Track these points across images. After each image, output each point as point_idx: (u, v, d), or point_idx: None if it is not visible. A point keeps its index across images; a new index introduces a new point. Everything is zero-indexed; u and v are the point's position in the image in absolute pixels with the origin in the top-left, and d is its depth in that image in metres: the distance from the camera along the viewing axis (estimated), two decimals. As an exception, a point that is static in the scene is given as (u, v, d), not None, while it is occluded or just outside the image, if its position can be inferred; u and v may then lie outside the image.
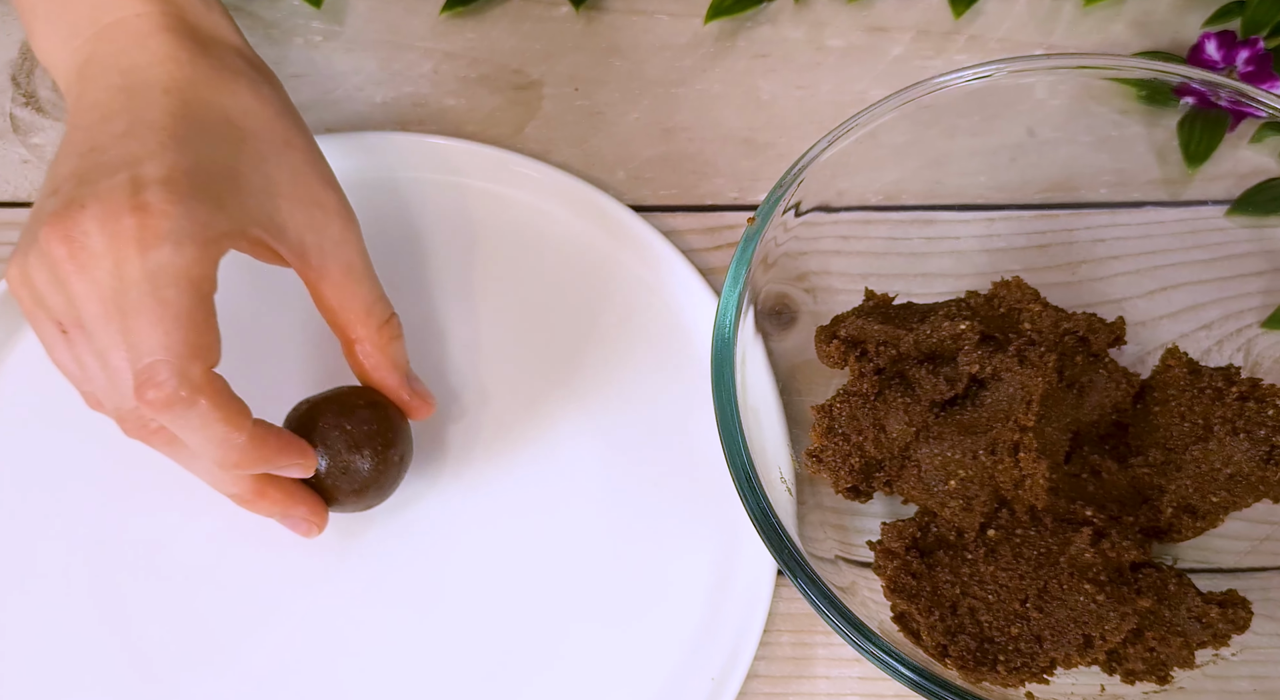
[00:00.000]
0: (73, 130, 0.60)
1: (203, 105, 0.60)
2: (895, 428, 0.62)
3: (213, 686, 0.68)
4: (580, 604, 0.69)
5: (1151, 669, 0.60)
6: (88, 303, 0.55)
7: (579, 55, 0.82)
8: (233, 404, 0.59)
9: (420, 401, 0.68)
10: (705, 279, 0.74)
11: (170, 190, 0.55)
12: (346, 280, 0.65)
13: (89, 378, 0.58)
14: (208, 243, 0.56)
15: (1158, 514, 0.64)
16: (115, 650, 0.69)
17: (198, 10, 0.63)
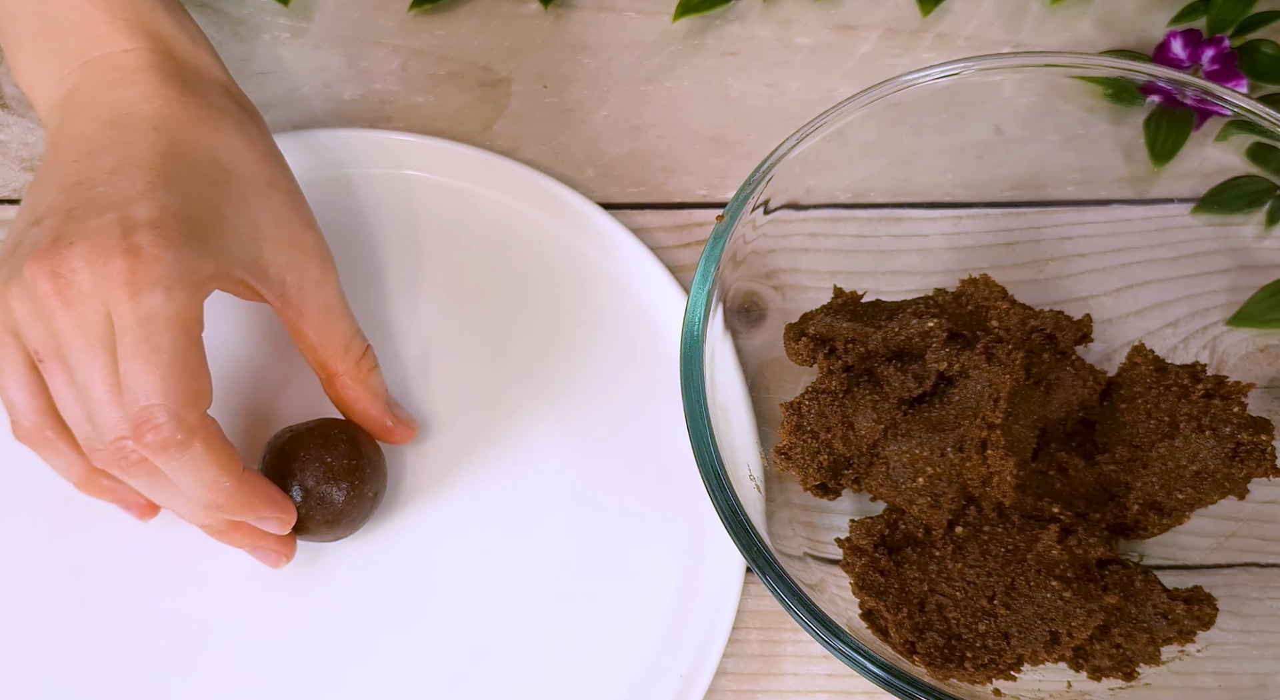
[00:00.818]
0: (56, 161, 0.60)
1: (190, 144, 0.61)
2: (864, 425, 0.62)
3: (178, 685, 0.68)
4: (549, 602, 0.69)
5: (1118, 665, 0.61)
6: (73, 338, 0.56)
7: (547, 52, 0.82)
8: (225, 449, 0.60)
9: (403, 427, 0.69)
10: (674, 277, 0.74)
11: (161, 234, 0.56)
12: (324, 319, 0.66)
13: (64, 407, 0.58)
14: (196, 286, 0.57)
15: (1124, 511, 0.64)
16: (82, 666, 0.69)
17: (185, 48, 0.64)
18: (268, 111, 0.81)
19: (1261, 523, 0.65)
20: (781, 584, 0.57)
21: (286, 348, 0.74)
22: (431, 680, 0.68)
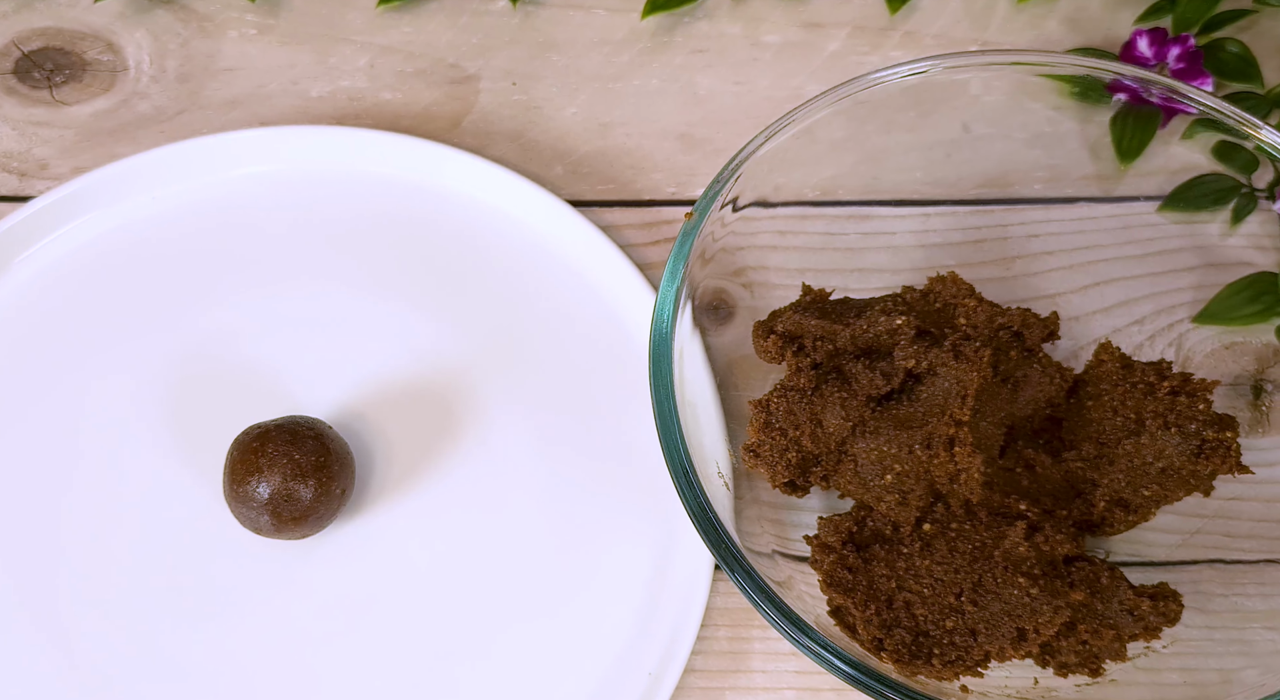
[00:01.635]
0: None
1: None
2: (832, 423, 0.62)
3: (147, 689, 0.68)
4: (517, 600, 0.69)
5: (1084, 661, 0.61)
6: None
7: (516, 49, 0.82)
8: None
9: None
10: (643, 274, 0.74)
11: None
12: None
13: None
14: None
15: (1090, 508, 0.64)
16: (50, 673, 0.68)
17: None
18: (234, 109, 0.81)
19: (1226, 519, 0.66)
20: (749, 581, 0.57)
21: (255, 343, 0.74)
22: (399, 677, 0.68)
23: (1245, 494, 0.66)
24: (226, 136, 0.78)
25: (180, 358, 0.74)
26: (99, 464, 0.72)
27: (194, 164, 0.78)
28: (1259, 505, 0.66)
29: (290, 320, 0.75)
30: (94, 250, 0.77)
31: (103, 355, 0.74)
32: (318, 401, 0.73)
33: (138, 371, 0.74)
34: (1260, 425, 0.68)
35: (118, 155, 0.80)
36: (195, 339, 0.74)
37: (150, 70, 0.83)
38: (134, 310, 0.75)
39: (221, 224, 0.77)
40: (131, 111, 0.82)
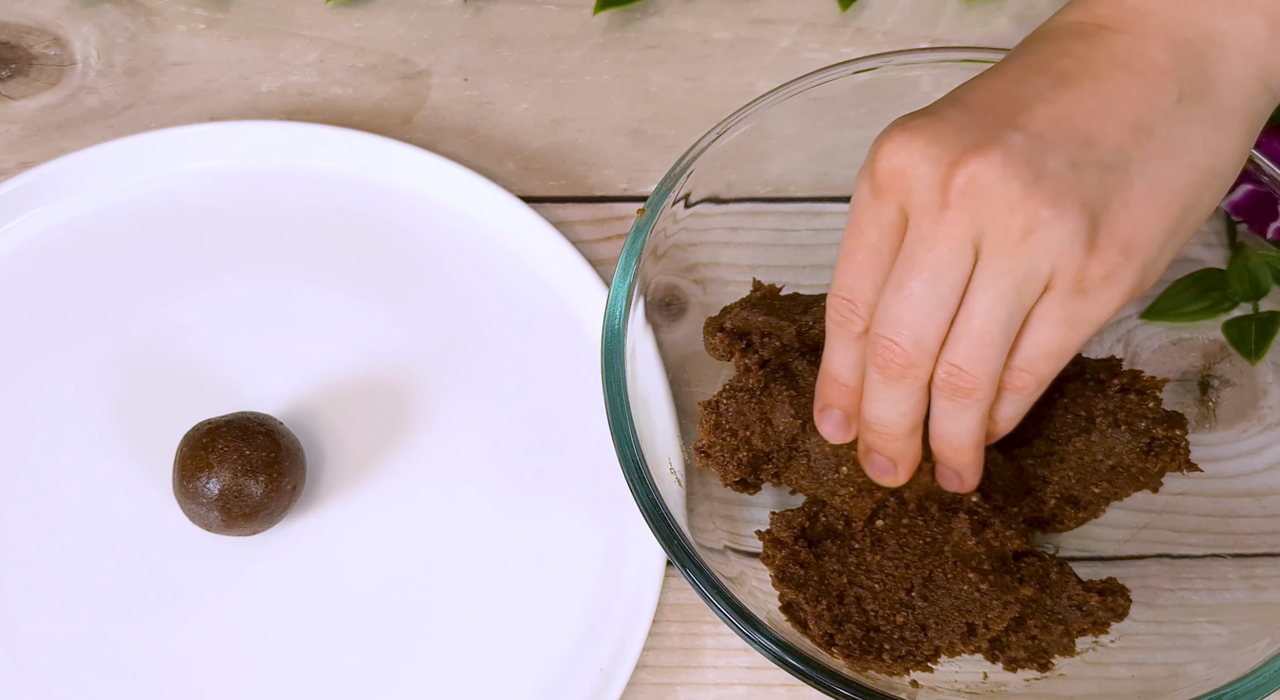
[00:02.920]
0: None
1: None
2: (781, 421, 0.62)
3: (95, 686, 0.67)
4: (468, 596, 0.69)
5: (1033, 656, 0.61)
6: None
7: (467, 45, 0.82)
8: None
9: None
10: (595, 270, 0.74)
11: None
12: None
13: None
14: None
15: (1041, 504, 0.65)
16: None
17: None
18: (183, 104, 0.80)
19: (1174, 514, 0.66)
20: (701, 577, 0.57)
21: (205, 339, 0.74)
22: (349, 673, 0.68)
23: (1192, 489, 0.66)
24: (175, 132, 0.77)
25: (129, 354, 0.73)
26: (47, 460, 0.71)
27: (142, 159, 0.77)
28: (1205, 500, 0.66)
29: (240, 316, 0.75)
30: (41, 246, 0.76)
31: (51, 351, 0.74)
32: (268, 397, 0.73)
33: (86, 368, 0.73)
34: (1207, 421, 0.68)
35: (65, 150, 0.79)
36: (144, 335, 0.74)
37: (98, 65, 0.82)
38: (82, 306, 0.75)
39: (170, 220, 0.77)
40: (79, 106, 0.81)
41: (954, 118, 0.51)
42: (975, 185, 0.49)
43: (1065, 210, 0.49)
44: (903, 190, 0.51)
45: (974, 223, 0.50)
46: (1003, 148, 0.49)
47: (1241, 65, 0.52)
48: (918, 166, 0.50)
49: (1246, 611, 0.61)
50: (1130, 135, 0.50)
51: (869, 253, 0.53)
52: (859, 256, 0.54)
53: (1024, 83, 0.52)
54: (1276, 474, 0.65)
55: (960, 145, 0.49)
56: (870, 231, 0.53)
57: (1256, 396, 0.68)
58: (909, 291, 0.52)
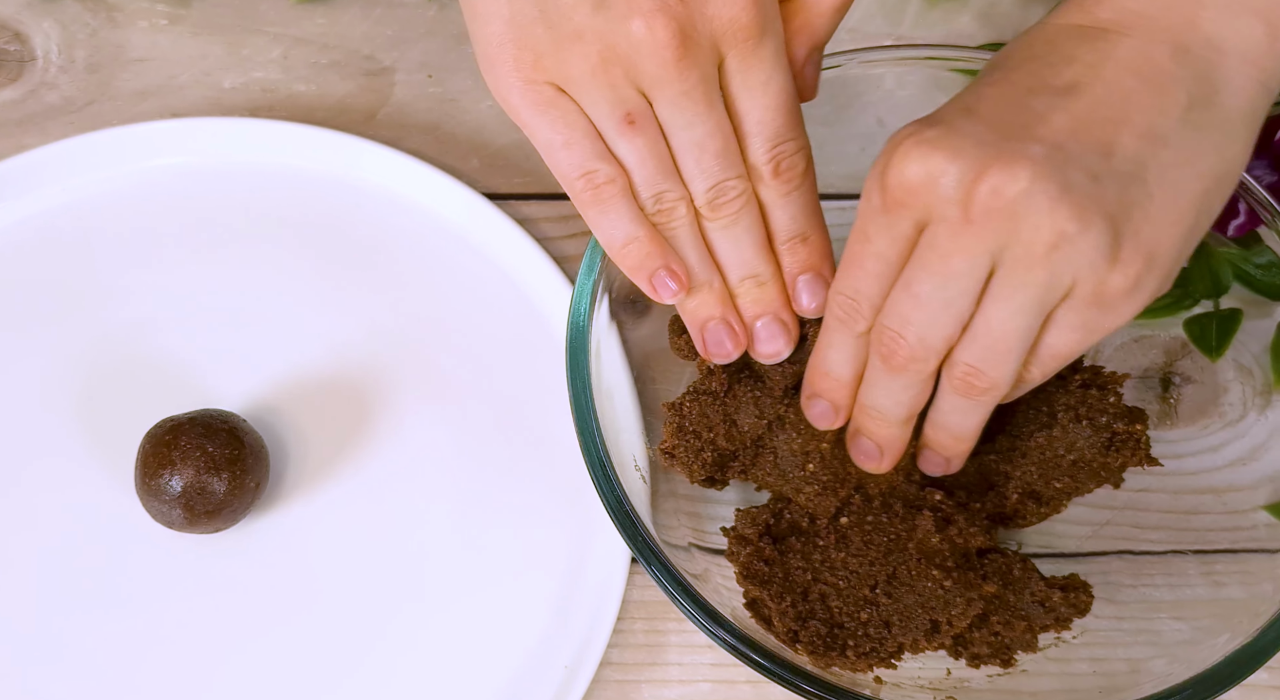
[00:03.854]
0: None
1: None
2: (746, 422, 0.62)
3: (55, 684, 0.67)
4: (432, 594, 0.69)
5: (996, 652, 0.61)
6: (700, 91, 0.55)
7: (431, 42, 0.82)
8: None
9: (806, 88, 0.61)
10: (560, 267, 0.74)
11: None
12: None
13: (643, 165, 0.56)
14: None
15: (1003, 500, 0.65)
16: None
17: None
18: (145, 100, 0.80)
19: (1135, 510, 0.67)
20: (666, 574, 0.57)
21: (167, 336, 0.74)
22: (313, 670, 0.67)
23: (1154, 486, 0.67)
24: (137, 128, 0.77)
25: (91, 351, 0.73)
26: (8, 456, 0.71)
27: (104, 155, 0.77)
28: (1167, 497, 0.67)
29: (203, 313, 0.74)
30: (1, 242, 0.76)
31: (12, 348, 0.73)
32: (232, 395, 0.72)
33: (48, 365, 0.73)
34: (1168, 418, 0.69)
35: (25, 146, 0.79)
36: (106, 332, 0.74)
37: (59, 60, 0.81)
38: (44, 303, 0.74)
39: (133, 216, 0.77)
40: (39, 102, 0.81)
41: (969, 129, 0.50)
42: (1000, 201, 0.48)
43: (1090, 224, 0.48)
44: (919, 205, 0.50)
45: (995, 237, 0.49)
46: (1026, 161, 0.48)
47: (1243, 69, 0.52)
48: (938, 181, 0.49)
49: (1207, 607, 0.61)
50: (1146, 144, 0.50)
51: (876, 260, 0.53)
52: (867, 263, 0.54)
53: (1035, 92, 0.51)
54: (1237, 470, 0.66)
55: (981, 159, 0.49)
56: (880, 241, 0.53)
57: (1217, 393, 0.68)
58: (919, 292, 0.52)
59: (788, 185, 0.58)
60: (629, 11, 0.52)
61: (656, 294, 0.59)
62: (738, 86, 0.55)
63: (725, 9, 0.53)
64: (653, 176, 0.56)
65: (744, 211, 0.58)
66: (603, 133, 0.55)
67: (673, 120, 0.55)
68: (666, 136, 0.56)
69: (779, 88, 0.56)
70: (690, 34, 0.52)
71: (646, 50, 0.52)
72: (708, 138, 0.55)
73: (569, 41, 0.53)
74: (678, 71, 0.53)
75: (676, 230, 0.58)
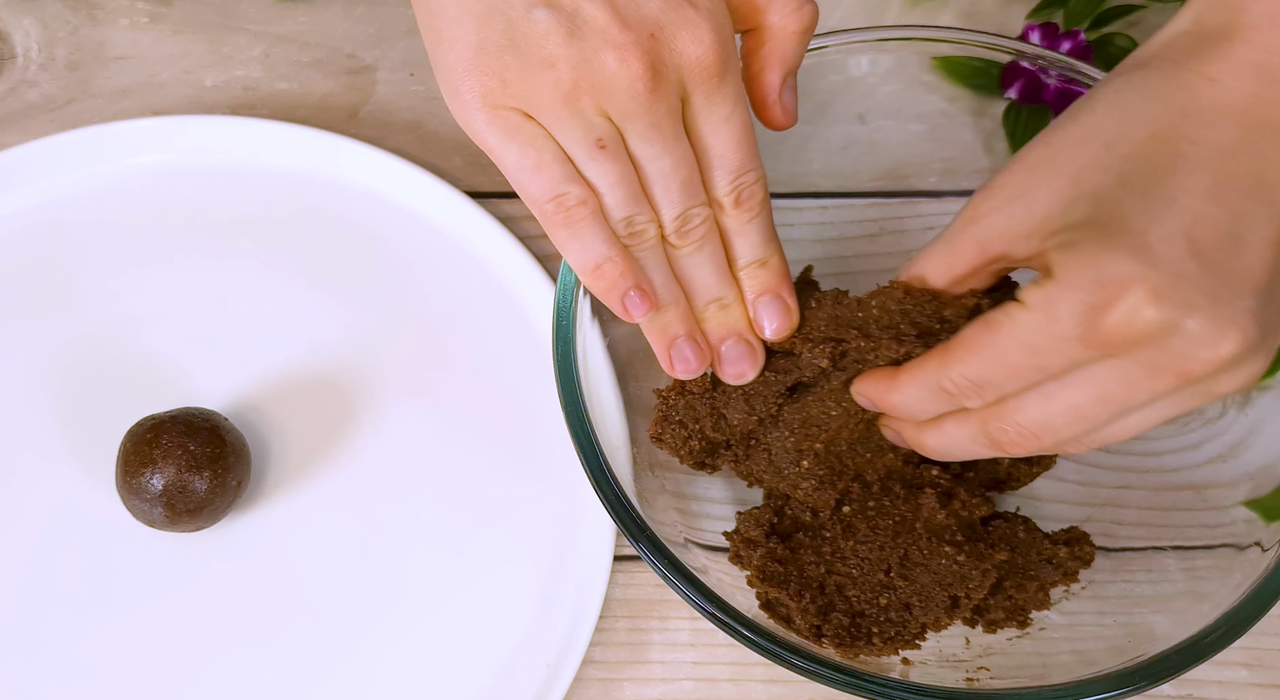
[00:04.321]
0: None
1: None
2: (736, 417, 0.62)
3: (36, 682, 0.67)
4: (415, 592, 0.69)
5: (1011, 615, 0.62)
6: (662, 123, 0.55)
7: (413, 40, 0.82)
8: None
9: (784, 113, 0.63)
10: (542, 266, 0.74)
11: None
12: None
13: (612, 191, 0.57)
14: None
15: (996, 465, 0.65)
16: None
17: None
18: (126, 98, 0.80)
19: (1115, 507, 0.67)
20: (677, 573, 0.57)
21: (149, 335, 0.74)
22: (294, 669, 0.67)
23: (1134, 482, 0.67)
24: (118, 126, 0.77)
25: (73, 349, 0.73)
26: (-11, 455, 0.71)
27: (85, 154, 0.77)
28: (1147, 494, 0.67)
29: (185, 312, 0.74)
30: (-18, 240, 0.76)
31: (-6, 346, 0.73)
32: (213, 393, 0.72)
33: (30, 363, 0.73)
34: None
35: (6, 144, 0.78)
36: (88, 330, 0.73)
37: (39, 58, 0.81)
38: (26, 301, 0.74)
39: (114, 215, 0.76)
40: (20, 100, 0.80)
41: (1193, 275, 0.49)
42: (1216, 363, 0.49)
43: (1258, 356, 0.50)
44: (1128, 349, 0.49)
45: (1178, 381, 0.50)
46: (1238, 328, 0.48)
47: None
48: (1169, 339, 0.49)
49: (1186, 602, 0.62)
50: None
51: (1036, 371, 0.52)
52: (1023, 371, 0.53)
53: (1240, 212, 0.50)
54: (1216, 467, 0.66)
55: (1213, 320, 0.48)
56: (1054, 362, 0.51)
57: (1197, 391, 0.69)
58: (1084, 414, 0.52)
59: (748, 214, 0.59)
60: (602, 44, 0.53)
61: (627, 314, 0.59)
62: (702, 121, 0.56)
63: (693, 47, 0.54)
64: (624, 200, 0.57)
65: (707, 238, 0.59)
66: (573, 158, 0.56)
67: (642, 151, 0.56)
68: (636, 165, 0.57)
69: (740, 122, 0.57)
70: (660, 69, 0.53)
71: (620, 83, 0.53)
72: (674, 169, 0.56)
73: (539, 69, 0.53)
74: (649, 104, 0.54)
75: (646, 253, 0.59)
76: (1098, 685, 0.56)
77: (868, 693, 0.55)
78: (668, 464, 0.66)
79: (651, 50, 0.53)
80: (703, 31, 0.54)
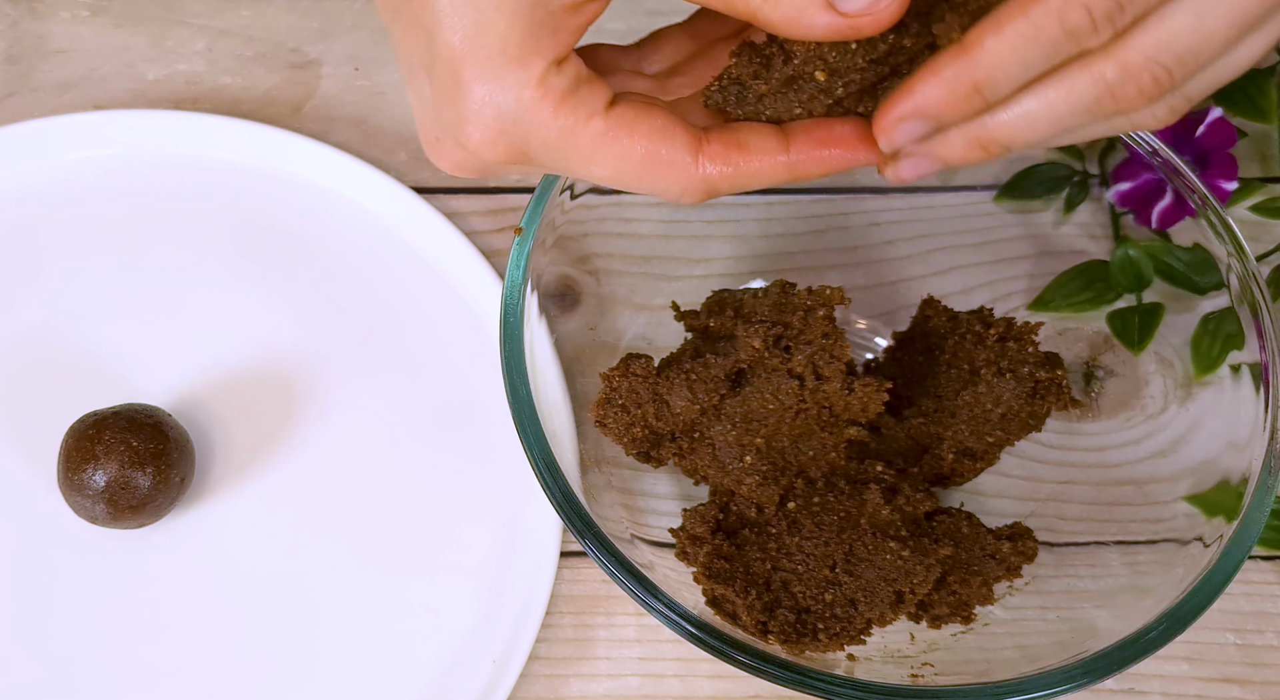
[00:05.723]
0: None
1: None
2: (678, 404, 0.62)
3: None
4: (360, 588, 0.69)
5: (955, 611, 0.62)
6: None
7: (358, 34, 0.82)
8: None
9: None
10: (489, 261, 0.74)
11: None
12: None
13: None
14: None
15: (940, 461, 0.66)
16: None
17: None
18: (67, 92, 0.79)
19: (1058, 502, 0.67)
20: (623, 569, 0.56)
21: (91, 330, 0.73)
22: (238, 666, 0.67)
23: (1077, 477, 0.68)
24: (59, 120, 0.76)
25: (14, 345, 0.72)
26: (-72, 452, 0.70)
27: (25, 148, 0.76)
28: (1089, 489, 0.67)
29: (128, 307, 0.74)
30: (-80, 235, 0.75)
31: (-68, 342, 0.72)
32: (156, 389, 0.72)
33: (-31, 359, 0.72)
34: (1090, 411, 0.69)
35: (-56, 138, 0.77)
36: (29, 326, 0.73)
37: (-23, 51, 0.81)
38: (-36, 296, 0.73)
39: (56, 209, 0.76)
40: (-42, 94, 0.80)
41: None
42: None
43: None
44: None
45: None
46: None
47: None
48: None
49: (1129, 597, 0.62)
50: None
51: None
52: None
53: None
54: (1158, 462, 0.67)
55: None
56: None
57: (1139, 386, 0.69)
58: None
59: None
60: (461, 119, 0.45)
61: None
62: None
63: None
64: None
65: None
66: None
67: None
68: None
69: None
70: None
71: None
72: None
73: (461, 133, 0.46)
74: None
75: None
76: (1041, 681, 0.56)
77: (813, 689, 0.56)
78: (614, 460, 0.66)
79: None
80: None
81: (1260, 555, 0.71)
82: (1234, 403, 0.63)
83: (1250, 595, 0.70)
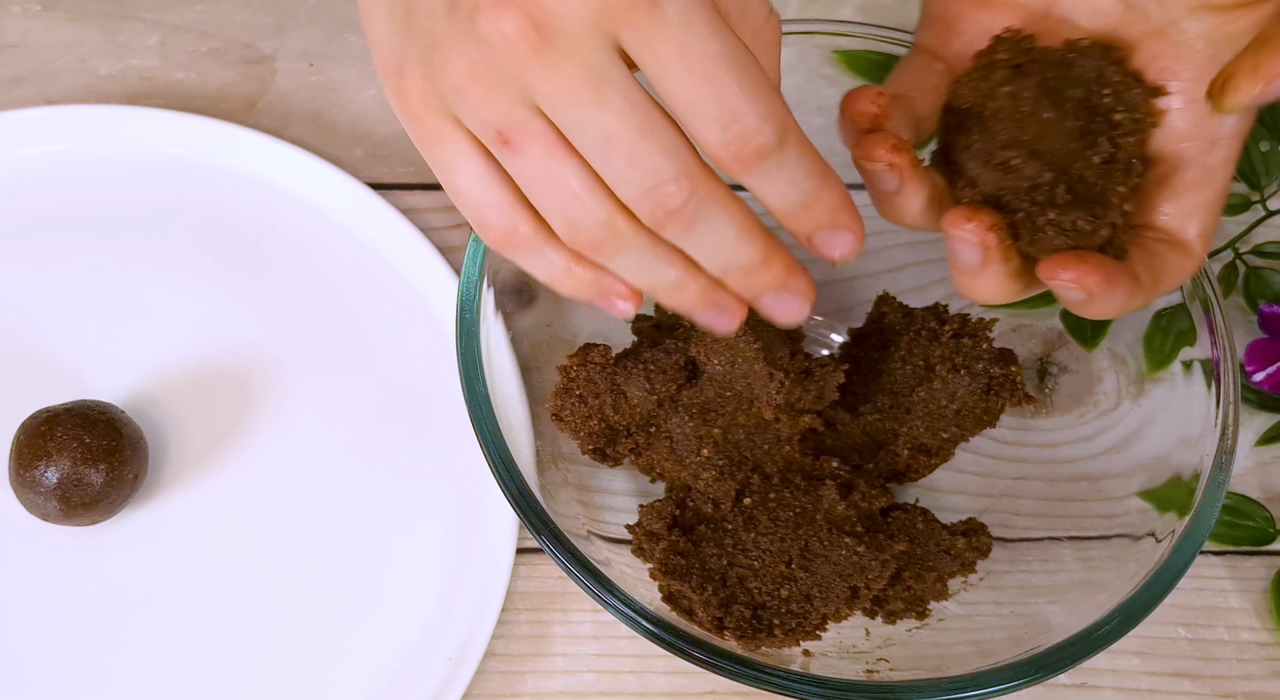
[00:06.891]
0: None
1: None
2: (636, 394, 0.62)
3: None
4: (314, 585, 0.68)
5: (910, 606, 0.63)
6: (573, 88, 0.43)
7: (313, 30, 0.81)
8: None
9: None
10: (445, 257, 0.74)
11: None
12: None
13: (540, 187, 0.46)
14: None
15: (895, 457, 0.66)
16: None
17: None
18: (18, 86, 0.79)
19: (1012, 498, 0.68)
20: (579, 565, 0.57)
21: (43, 326, 0.73)
22: (192, 664, 0.67)
23: (1031, 474, 0.68)
24: (10, 115, 0.76)
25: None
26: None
27: (-24, 142, 0.76)
28: (1043, 485, 0.68)
29: (81, 303, 0.73)
30: None
31: (-118, 338, 0.72)
32: (110, 386, 0.71)
33: (-81, 355, 0.72)
34: (1044, 407, 0.70)
35: (-106, 133, 0.77)
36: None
37: (-74, 46, 0.80)
38: (-86, 293, 0.73)
39: (7, 205, 0.75)
40: (-92, 89, 0.79)
41: None
42: None
43: None
44: None
45: None
46: None
47: None
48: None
49: (1082, 592, 0.63)
50: None
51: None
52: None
53: None
54: (1110, 458, 0.67)
55: None
56: None
57: (1092, 383, 0.70)
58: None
59: (764, 165, 0.44)
60: (473, 9, 0.42)
61: (615, 311, 0.49)
62: (649, 69, 0.43)
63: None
64: (548, 201, 0.46)
65: (700, 212, 0.45)
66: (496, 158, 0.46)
67: (565, 126, 0.44)
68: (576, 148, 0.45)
69: (704, 54, 0.42)
70: (547, 20, 0.41)
71: (501, 52, 0.42)
72: (606, 141, 0.44)
73: (430, 60, 0.45)
74: (542, 69, 0.42)
75: (607, 252, 0.47)
76: (995, 676, 0.56)
77: (768, 685, 0.56)
78: (571, 456, 0.66)
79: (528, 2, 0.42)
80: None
81: (1211, 550, 0.71)
82: (1186, 399, 0.64)
83: (1202, 590, 0.70)
